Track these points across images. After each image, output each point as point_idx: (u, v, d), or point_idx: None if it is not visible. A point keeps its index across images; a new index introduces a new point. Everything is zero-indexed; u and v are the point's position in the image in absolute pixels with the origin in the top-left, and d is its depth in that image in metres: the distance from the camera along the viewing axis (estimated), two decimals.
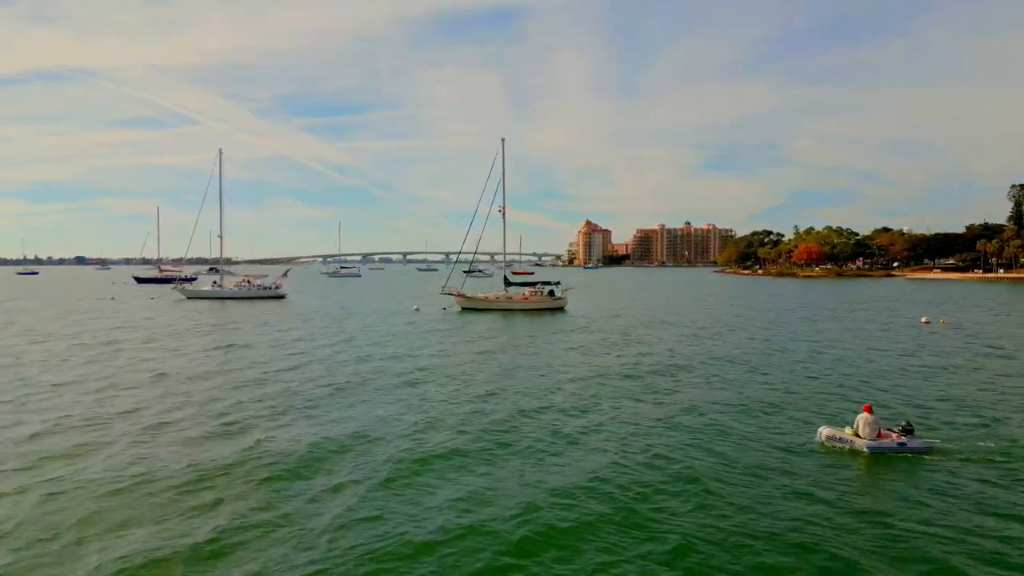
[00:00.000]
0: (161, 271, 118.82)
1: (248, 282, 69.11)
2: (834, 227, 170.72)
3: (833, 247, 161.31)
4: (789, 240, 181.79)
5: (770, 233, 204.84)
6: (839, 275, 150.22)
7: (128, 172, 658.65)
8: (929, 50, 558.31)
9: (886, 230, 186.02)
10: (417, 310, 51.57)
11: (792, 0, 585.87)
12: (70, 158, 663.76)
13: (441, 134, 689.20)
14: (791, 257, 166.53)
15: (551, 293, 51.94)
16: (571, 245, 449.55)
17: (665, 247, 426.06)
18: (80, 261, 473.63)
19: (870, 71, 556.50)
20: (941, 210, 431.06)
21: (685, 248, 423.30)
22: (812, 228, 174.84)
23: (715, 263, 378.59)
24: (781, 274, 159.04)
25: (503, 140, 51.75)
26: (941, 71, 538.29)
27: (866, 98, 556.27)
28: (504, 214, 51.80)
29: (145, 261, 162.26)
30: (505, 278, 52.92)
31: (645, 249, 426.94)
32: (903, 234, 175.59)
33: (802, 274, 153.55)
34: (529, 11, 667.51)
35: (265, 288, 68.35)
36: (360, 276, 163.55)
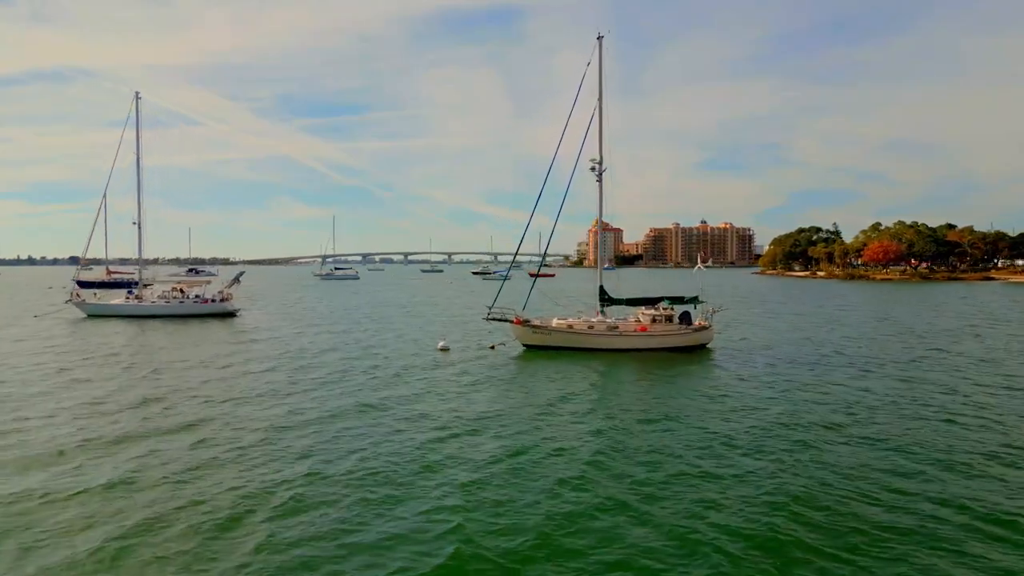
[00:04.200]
0: (109, 273, 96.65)
1: (180, 292, 45.98)
2: (907, 222, 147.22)
3: (911, 245, 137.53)
4: (856, 237, 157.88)
5: (819, 230, 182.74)
6: (924, 278, 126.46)
7: (128, 172, 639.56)
8: (930, 50, 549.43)
9: (951, 227, 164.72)
10: (444, 350, 28.60)
11: (792, 0, 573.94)
12: (70, 158, 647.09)
13: (442, 134, 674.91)
14: (859, 256, 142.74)
15: (684, 317, 28.72)
16: (580, 245, 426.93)
17: (680, 247, 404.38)
18: (74, 261, 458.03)
19: (870, 71, 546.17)
20: (940, 210, 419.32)
21: (701, 248, 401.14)
22: (879, 223, 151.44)
23: (733, 264, 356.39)
24: (851, 277, 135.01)
25: (600, 39, 28.36)
26: (942, 71, 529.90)
27: (866, 98, 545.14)
28: (601, 173, 28.64)
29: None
30: (602, 291, 29.12)
31: (659, 249, 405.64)
32: (973, 231, 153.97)
33: (878, 277, 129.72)
34: (530, 11, 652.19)
35: (204, 302, 45.31)
36: (358, 278, 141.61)
